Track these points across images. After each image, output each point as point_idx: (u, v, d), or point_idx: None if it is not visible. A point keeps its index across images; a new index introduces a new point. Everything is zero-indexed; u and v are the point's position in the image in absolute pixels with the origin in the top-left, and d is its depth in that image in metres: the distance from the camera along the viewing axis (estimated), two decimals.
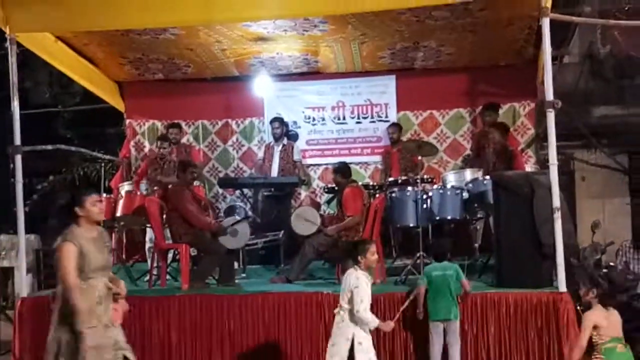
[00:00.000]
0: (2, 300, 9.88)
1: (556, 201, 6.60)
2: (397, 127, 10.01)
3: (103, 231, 5.15)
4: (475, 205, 8.04)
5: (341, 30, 8.58)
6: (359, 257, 5.61)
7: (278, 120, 10.10)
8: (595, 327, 5.44)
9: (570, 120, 11.16)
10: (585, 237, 9.62)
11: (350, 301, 5.51)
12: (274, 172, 9.90)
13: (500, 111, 9.66)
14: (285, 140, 10.11)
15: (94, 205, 4.94)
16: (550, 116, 6.67)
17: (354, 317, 5.50)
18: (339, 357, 5.48)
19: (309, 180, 10.40)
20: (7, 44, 7.45)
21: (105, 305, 4.97)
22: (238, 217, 8.46)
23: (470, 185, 7.98)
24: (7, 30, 7.37)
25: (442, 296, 6.42)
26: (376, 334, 6.04)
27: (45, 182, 13.99)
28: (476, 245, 8.43)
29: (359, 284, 5.51)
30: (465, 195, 7.91)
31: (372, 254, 5.66)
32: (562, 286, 6.56)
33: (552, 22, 6.78)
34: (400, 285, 7.29)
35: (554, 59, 7.36)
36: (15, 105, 7.47)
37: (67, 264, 4.76)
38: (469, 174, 8.38)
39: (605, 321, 5.47)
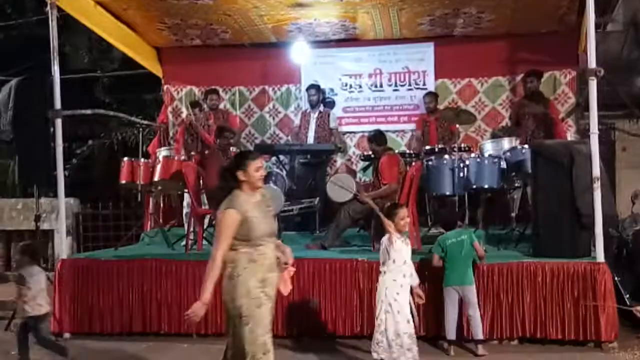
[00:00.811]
0: (42, 262, 10.06)
1: (596, 171, 6.53)
2: (433, 95, 9.88)
3: (265, 194, 4.90)
4: (513, 174, 7.98)
5: None
6: (388, 222, 5.69)
7: (314, 88, 10.06)
8: None
9: (613, 89, 10.94)
10: (625, 208, 9.47)
11: (385, 263, 5.69)
12: (310, 139, 9.88)
13: (541, 79, 9.49)
14: (321, 108, 10.07)
15: (257, 171, 4.73)
16: (593, 84, 6.58)
17: (386, 277, 5.68)
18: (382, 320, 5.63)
19: (344, 148, 10.36)
20: (48, 8, 7.52)
21: (274, 275, 4.76)
22: (271, 187, 8.44)
23: (508, 154, 7.91)
24: None
25: (456, 263, 6.39)
26: None
27: (85, 146, 14.15)
28: (513, 214, 8.37)
29: (391, 242, 5.66)
30: (503, 164, 7.86)
31: (401, 219, 5.71)
32: (600, 256, 6.51)
33: None
34: None
35: (597, 26, 7.19)
36: (56, 69, 7.58)
37: (223, 232, 4.55)
38: (506, 143, 8.32)
39: None
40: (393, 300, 5.62)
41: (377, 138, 8.21)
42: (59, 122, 7.54)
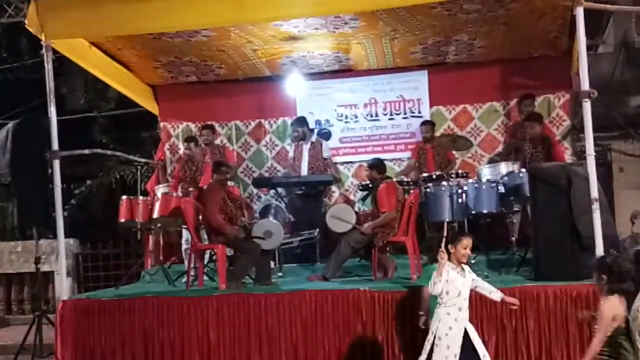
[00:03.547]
0: (43, 304, 10.01)
1: (594, 192, 6.52)
2: (430, 125, 9.85)
3: None
4: (512, 198, 7.97)
5: (372, 27, 8.56)
6: (449, 246, 5.36)
7: (296, 123, 10.08)
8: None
9: (607, 110, 11.00)
10: (625, 228, 9.47)
11: (439, 295, 5.37)
12: (304, 170, 9.85)
13: (535, 103, 9.55)
14: (313, 138, 10.07)
15: None
16: (587, 106, 6.61)
17: (440, 310, 5.38)
18: (425, 353, 5.40)
19: (340, 177, 10.37)
20: (43, 50, 7.58)
21: None
22: (270, 221, 8.40)
23: (506, 178, 7.92)
24: (43, 37, 7.51)
25: None
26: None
27: (83, 186, 14.17)
28: (513, 238, 8.35)
29: (440, 274, 5.28)
30: (501, 188, 7.86)
31: (463, 247, 5.39)
32: None
33: (586, 11, 6.70)
34: None
35: (588, 48, 7.26)
36: (52, 111, 7.61)
37: None
38: (504, 167, 8.33)
39: None
40: (444, 334, 5.32)
41: (378, 166, 8.20)
42: (56, 164, 7.55)
